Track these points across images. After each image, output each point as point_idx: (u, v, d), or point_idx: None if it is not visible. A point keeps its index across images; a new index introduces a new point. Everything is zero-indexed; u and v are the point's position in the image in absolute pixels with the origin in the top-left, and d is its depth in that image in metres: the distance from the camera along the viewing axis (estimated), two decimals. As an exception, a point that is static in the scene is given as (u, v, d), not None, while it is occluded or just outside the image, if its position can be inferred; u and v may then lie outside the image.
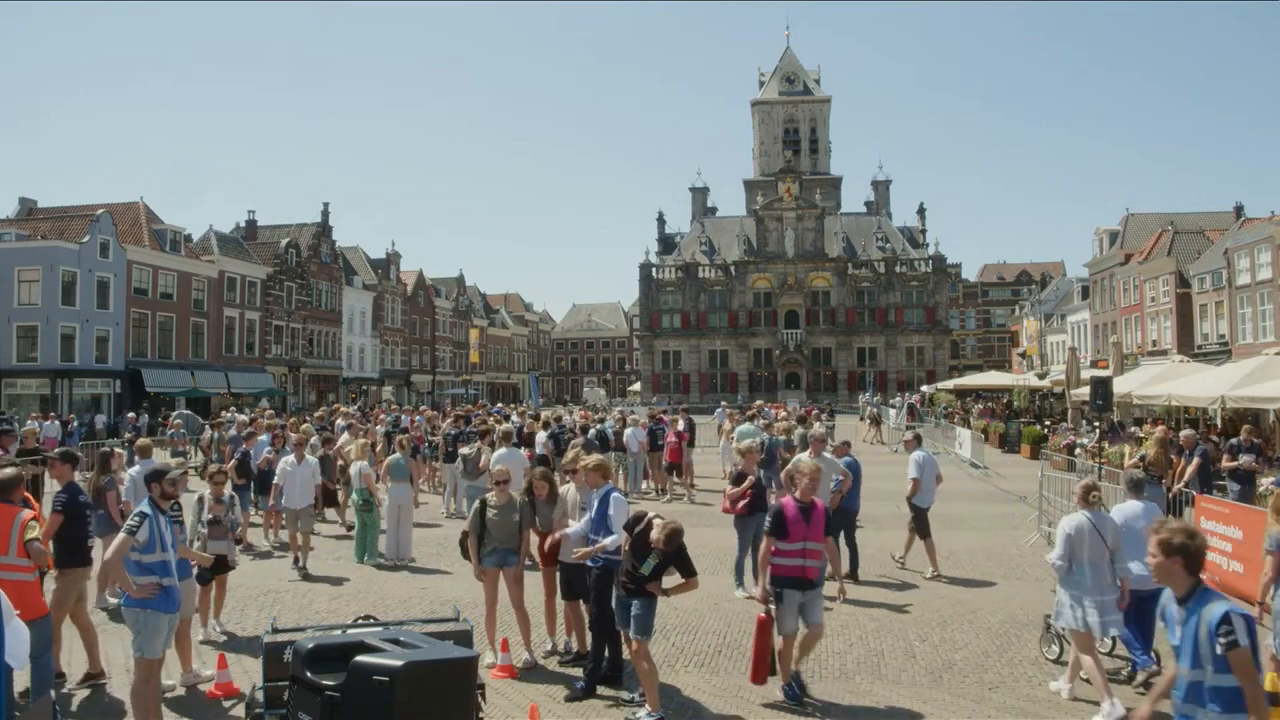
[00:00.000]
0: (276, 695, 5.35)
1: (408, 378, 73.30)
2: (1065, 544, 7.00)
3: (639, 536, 6.68)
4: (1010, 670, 7.70)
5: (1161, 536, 3.89)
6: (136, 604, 6.06)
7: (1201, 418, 22.85)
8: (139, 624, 6.09)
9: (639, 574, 6.60)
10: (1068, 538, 6.99)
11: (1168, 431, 17.22)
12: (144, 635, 6.07)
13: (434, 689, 4.54)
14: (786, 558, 6.92)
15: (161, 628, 6.13)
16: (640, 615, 6.60)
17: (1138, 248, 51.24)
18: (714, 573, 11.37)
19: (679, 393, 72.96)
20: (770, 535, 6.98)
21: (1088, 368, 33.20)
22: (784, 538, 6.91)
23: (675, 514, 16.49)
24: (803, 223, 77.71)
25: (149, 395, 43.81)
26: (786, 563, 6.93)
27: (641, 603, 6.62)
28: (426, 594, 10.43)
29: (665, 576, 6.74)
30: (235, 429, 18.90)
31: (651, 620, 6.69)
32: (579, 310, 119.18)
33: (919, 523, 11.47)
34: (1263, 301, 37.70)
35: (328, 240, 62.63)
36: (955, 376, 61.76)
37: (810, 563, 6.93)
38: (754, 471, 10.46)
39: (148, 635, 6.08)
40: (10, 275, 41.00)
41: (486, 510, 7.84)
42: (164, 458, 17.83)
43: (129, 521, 6.14)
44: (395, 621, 6.13)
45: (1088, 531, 6.94)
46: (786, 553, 6.91)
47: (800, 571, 6.89)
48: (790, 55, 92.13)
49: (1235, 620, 3.60)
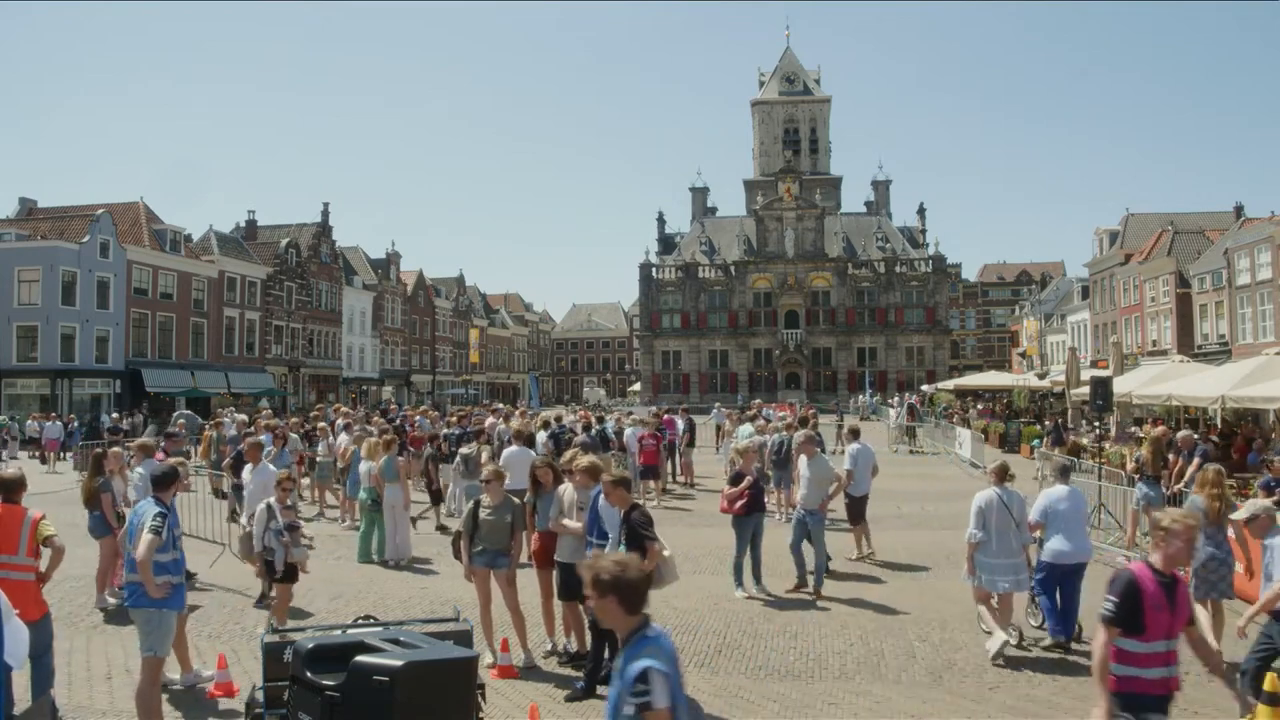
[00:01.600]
0: (276, 695, 5.35)
1: (408, 378, 73.32)
2: (977, 516, 8.06)
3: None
4: (1010, 670, 7.70)
5: (592, 573, 3.30)
6: (152, 604, 6.09)
7: (1201, 418, 22.85)
8: (152, 624, 6.13)
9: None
10: (979, 510, 8.05)
11: (1166, 432, 17.23)
12: (157, 635, 6.14)
13: (434, 689, 4.54)
14: (1142, 665, 4.41)
15: (172, 626, 6.25)
16: None
17: (1138, 248, 51.24)
18: (713, 573, 11.38)
19: (679, 393, 72.92)
20: (1113, 626, 4.43)
21: (1088, 368, 33.17)
22: (1138, 633, 4.41)
23: (663, 518, 16.49)
24: (803, 223, 77.71)
25: (149, 395, 43.83)
26: (1145, 673, 4.41)
27: None
28: (426, 594, 10.43)
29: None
30: (235, 429, 18.91)
31: None
32: (579, 310, 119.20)
33: (853, 510, 12.27)
34: (1263, 301, 37.70)
35: (328, 240, 62.63)
36: (955, 376, 61.74)
37: (1175, 670, 4.53)
38: (752, 472, 10.48)
39: (161, 635, 6.15)
40: (10, 275, 41.00)
41: (479, 510, 7.84)
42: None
43: (152, 522, 6.18)
44: (395, 621, 6.13)
45: (996, 505, 8.04)
46: (1141, 657, 4.41)
47: (1165, 687, 4.50)
48: (790, 55, 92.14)
49: (654, 678, 3.07)
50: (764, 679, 7.53)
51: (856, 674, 7.66)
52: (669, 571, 7.04)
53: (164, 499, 6.45)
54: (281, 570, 8.32)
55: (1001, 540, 7.97)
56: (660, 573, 6.94)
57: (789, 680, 7.49)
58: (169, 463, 7.23)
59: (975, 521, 8.07)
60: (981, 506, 8.10)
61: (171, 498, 6.61)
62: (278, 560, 8.30)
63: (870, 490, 12.63)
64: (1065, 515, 8.14)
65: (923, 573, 11.47)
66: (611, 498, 7.08)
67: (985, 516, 8.03)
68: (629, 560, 3.44)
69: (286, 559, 8.30)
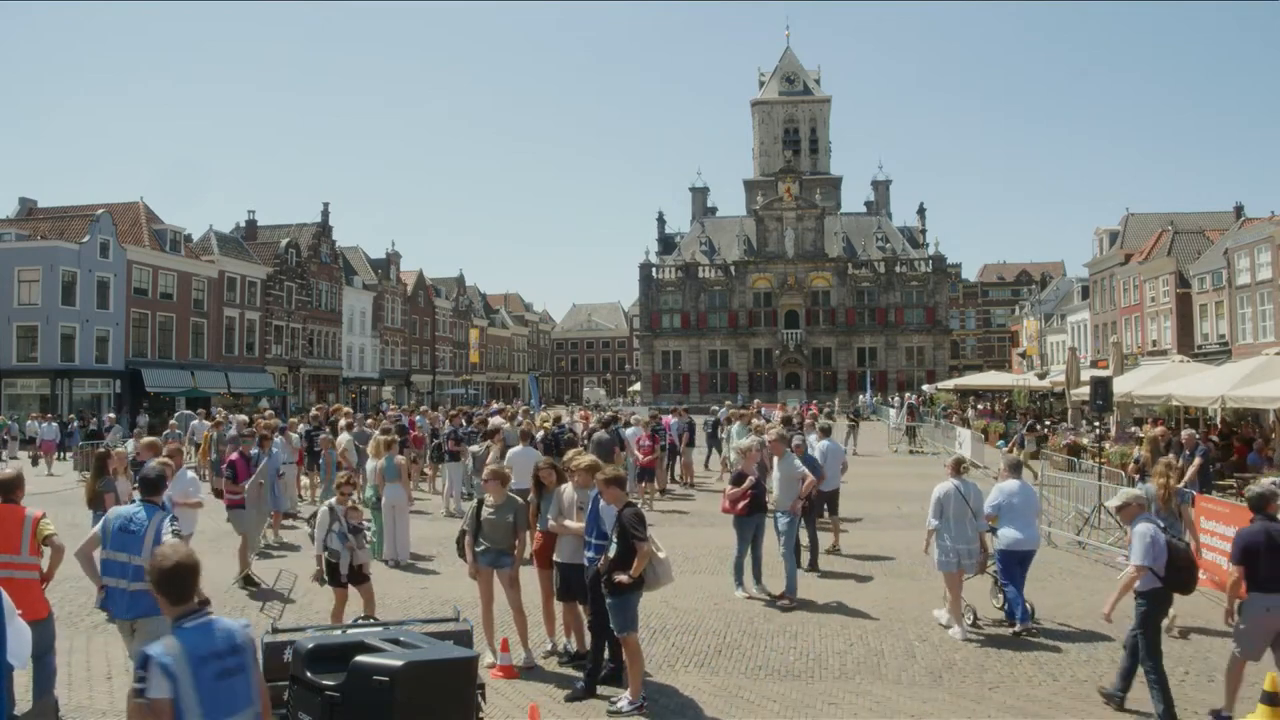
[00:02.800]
0: (276, 695, 5.34)
1: (408, 378, 73.31)
2: (936, 505, 8.84)
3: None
4: (1010, 670, 7.71)
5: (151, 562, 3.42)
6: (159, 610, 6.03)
7: (1201, 418, 22.85)
8: (161, 631, 6.04)
9: (609, 563, 6.62)
10: (938, 500, 8.84)
11: (1166, 433, 17.22)
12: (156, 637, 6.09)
13: (434, 689, 4.54)
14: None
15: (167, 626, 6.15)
16: (615, 610, 6.64)
17: (1138, 248, 51.23)
18: (714, 573, 11.39)
19: (679, 393, 72.98)
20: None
21: (1088, 368, 33.18)
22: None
23: (663, 518, 16.47)
24: (803, 223, 77.70)
25: (149, 395, 43.82)
26: None
27: (615, 600, 6.65)
28: (426, 594, 10.43)
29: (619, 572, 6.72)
30: (235, 429, 18.87)
31: (628, 614, 6.70)
32: (579, 310, 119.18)
33: (823, 504, 12.88)
34: (1263, 301, 37.70)
35: (328, 240, 62.61)
36: (955, 376, 61.74)
37: None
38: (753, 472, 10.46)
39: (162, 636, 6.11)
40: (10, 275, 40.99)
41: (482, 509, 7.85)
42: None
43: (175, 526, 6.15)
44: (395, 621, 6.13)
45: (953, 495, 8.83)
46: None
47: None
48: (790, 55, 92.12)
49: (152, 667, 3.15)
50: (764, 679, 7.52)
51: (856, 674, 7.65)
52: (664, 572, 7.03)
53: (155, 502, 6.33)
54: (348, 574, 8.20)
55: (959, 527, 8.78)
56: (655, 573, 6.94)
57: (789, 680, 7.49)
58: (159, 464, 7.00)
59: (934, 510, 8.88)
60: (940, 497, 8.85)
61: (161, 501, 6.45)
62: (342, 563, 8.19)
63: (840, 486, 13.42)
64: (1019, 508, 8.87)
65: (923, 573, 11.47)
66: (605, 495, 7.09)
67: (944, 506, 8.82)
68: (168, 550, 3.52)
69: (353, 562, 8.18)
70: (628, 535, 6.64)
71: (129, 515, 6.18)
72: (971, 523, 8.77)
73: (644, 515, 6.83)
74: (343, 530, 8.17)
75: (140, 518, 6.13)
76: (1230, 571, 6.72)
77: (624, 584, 6.60)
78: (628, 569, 6.62)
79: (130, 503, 7.07)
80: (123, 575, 5.99)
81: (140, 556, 5.88)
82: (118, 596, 6.02)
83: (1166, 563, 6.49)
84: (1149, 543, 6.48)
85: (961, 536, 8.76)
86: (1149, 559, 6.45)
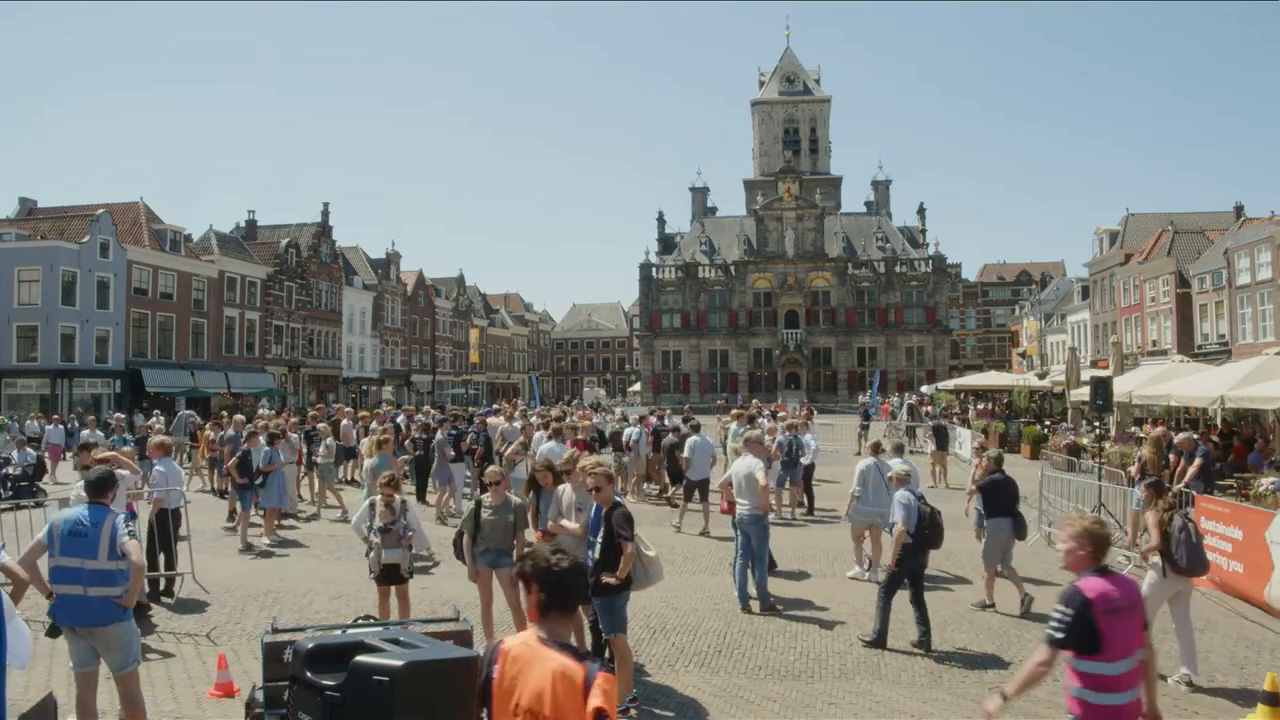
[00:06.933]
0: (276, 695, 5.34)
1: (408, 378, 73.29)
2: (859, 477, 11.13)
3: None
4: (1010, 670, 7.70)
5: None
6: (124, 614, 5.87)
7: (1202, 418, 22.84)
8: (128, 635, 5.92)
9: (595, 564, 6.63)
10: (861, 473, 11.17)
11: (1166, 433, 17.21)
12: (134, 644, 5.98)
13: (434, 689, 4.53)
14: (1110, 690, 3.83)
15: (129, 633, 6.00)
16: (603, 611, 6.65)
17: (1138, 248, 51.23)
18: (713, 573, 11.39)
19: (679, 393, 72.97)
20: (1065, 648, 3.93)
21: (1088, 368, 33.17)
22: (1097, 652, 3.85)
23: (664, 518, 16.46)
24: (803, 223, 77.69)
25: (149, 395, 43.81)
26: (1111, 699, 3.83)
27: (602, 601, 6.66)
28: (426, 594, 10.43)
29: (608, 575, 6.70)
30: (234, 428, 18.86)
31: (617, 615, 6.68)
32: (579, 310, 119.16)
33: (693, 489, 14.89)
34: (1263, 301, 37.70)
35: (328, 240, 62.58)
36: (955, 376, 61.69)
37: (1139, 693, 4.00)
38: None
39: (135, 641, 6.01)
40: (10, 275, 40.99)
41: (481, 510, 7.85)
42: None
43: (129, 528, 6.02)
44: (395, 621, 6.13)
45: (872, 470, 11.09)
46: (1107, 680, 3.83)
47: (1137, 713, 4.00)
48: (790, 55, 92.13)
49: None
50: (764, 679, 7.53)
51: (856, 674, 7.66)
52: (655, 571, 7.04)
53: (103, 504, 6.00)
54: (377, 571, 8.15)
55: (876, 494, 10.87)
56: (645, 572, 6.95)
57: (789, 680, 7.49)
58: (105, 468, 6.50)
59: (857, 480, 11.11)
60: (862, 470, 11.25)
61: (110, 503, 6.10)
62: (372, 561, 8.16)
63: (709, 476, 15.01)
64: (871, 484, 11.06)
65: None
66: (596, 496, 7.03)
67: (865, 477, 11.09)
68: None
69: (381, 560, 8.12)
70: (614, 535, 6.64)
71: (75, 518, 5.88)
72: (885, 491, 10.28)
73: (632, 516, 6.81)
74: (373, 527, 8.18)
75: (89, 520, 5.83)
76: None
77: (611, 585, 6.61)
78: (614, 570, 6.63)
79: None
80: (76, 581, 5.69)
81: (95, 560, 5.69)
82: (72, 603, 5.71)
83: (915, 523, 8.25)
84: (906, 508, 8.34)
85: (877, 502, 10.71)
86: (905, 520, 8.27)
